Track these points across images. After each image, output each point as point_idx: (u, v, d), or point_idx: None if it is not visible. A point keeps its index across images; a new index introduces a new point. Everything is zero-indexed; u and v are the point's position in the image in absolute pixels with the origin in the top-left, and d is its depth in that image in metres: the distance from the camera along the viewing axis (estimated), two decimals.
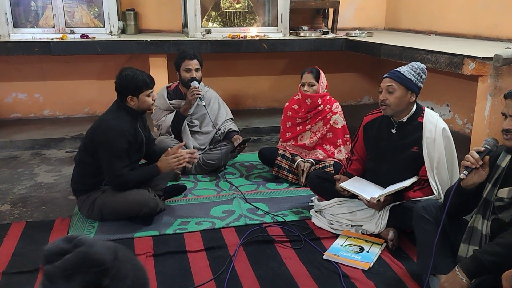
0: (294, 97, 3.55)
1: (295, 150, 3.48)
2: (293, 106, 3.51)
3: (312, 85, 3.35)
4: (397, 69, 2.53)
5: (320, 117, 3.43)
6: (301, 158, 3.39)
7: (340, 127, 3.41)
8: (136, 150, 2.80)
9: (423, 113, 2.56)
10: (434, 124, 2.51)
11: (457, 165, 2.55)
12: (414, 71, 2.50)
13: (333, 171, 3.19)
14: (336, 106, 3.45)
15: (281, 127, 3.60)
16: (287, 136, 3.54)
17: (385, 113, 2.56)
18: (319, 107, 3.41)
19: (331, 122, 3.40)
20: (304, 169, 3.30)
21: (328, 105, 3.42)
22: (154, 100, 2.81)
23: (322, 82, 3.38)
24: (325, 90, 3.43)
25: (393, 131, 2.60)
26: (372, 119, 2.74)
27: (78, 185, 2.80)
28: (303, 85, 3.38)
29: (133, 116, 2.75)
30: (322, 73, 3.40)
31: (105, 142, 2.62)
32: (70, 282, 0.82)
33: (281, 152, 3.42)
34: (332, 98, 3.48)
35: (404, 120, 2.56)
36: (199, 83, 3.51)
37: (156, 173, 2.78)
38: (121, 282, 0.88)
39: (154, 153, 2.93)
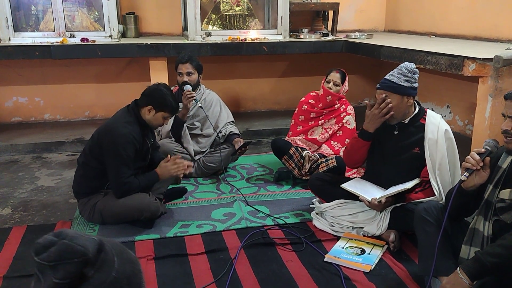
0: (311, 93, 3.62)
1: (305, 144, 3.50)
2: (309, 101, 3.57)
3: (337, 85, 3.43)
4: (386, 77, 2.52)
5: (334, 115, 3.50)
6: (308, 151, 3.43)
7: (351, 128, 3.48)
8: (141, 159, 2.80)
9: (426, 115, 2.56)
10: (437, 125, 2.51)
11: (459, 167, 2.54)
12: (404, 75, 2.47)
13: (335, 163, 3.20)
14: (351, 108, 3.54)
15: (293, 120, 3.64)
16: (298, 129, 3.58)
17: (390, 123, 2.56)
18: (335, 106, 3.48)
19: (343, 121, 3.48)
20: (310, 158, 3.32)
21: (343, 106, 3.51)
22: (158, 140, 2.93)
23: (346, 85, 3.47)
24: (344, 94, 3.51)
25: (395, 132, 2.59)
26: None
27: (80, 187, 2.80)
28: (328, 82, 3.45)
29: (142, 126, 2.75)
30: (347, 78, 3.49)
31: (113, 149, 2.61)
32: (56, 273, 0.88)
33: (295, 145, 3.46)
34: (348, 102, 3.57)
35: (406, 122, 2.56)
36: (193, 86, 3.50)
37: (155, 180, 2.78)
38: (105, 274, 0.92)
39: (153, 159, 2.93)
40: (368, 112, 2.56)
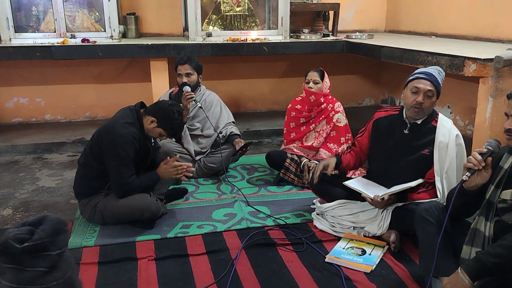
0: (297, 98, 3.59)
1: (301, 151, 3.48)
2: (296, 107, 3.54)
3: (317, 83, 3.39)
4: (431, 72, 2.49)
5: (323, 116, 3.45)
6: (307, 159, 3.40)
7: (342, 126, 3.44)
8: (141, 159, 2.81)
9: (437, 117, 2.56)
10: (448, 129, 2.51)
11: None
12: (442, 77, 2.51)
13: (337, 172, 3.19)
14: (338, 105, 3.49)
15: (285, 128, 3.60)
16: (291, 136, 3.55)
17: (416, 116, 2.52)
18: (322, 106, 3.44)
19: (334, 120, 3.43)
20: (311, 168, 3.29)
21: (330, 104, 3.47)
22: (158, 141, 3.03)
23: (326, 82, 3.43)
24: (328, 91, 3.47)
25: (406, 131, 2.59)
26: (384, 116, 2.72)
27: (80, 188, 2.79)
28: (308, 82, 3.42)
29: (141, 128, 2.75)
30: (326, 74, 3.45)
31: (113, 149, 2.61)
32: (53, 246, 0.94)
33: (289, 155, 3.43)
34: (334, 98, 3.53)
35: (419, 123, 2.55)
36: (192, 87, 3.51)
37: (156, 180, 2.79)
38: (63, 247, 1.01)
39: (154, 160, 2.93)
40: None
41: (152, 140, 2.90)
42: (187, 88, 3.46)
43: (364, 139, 2.79)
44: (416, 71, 2.55)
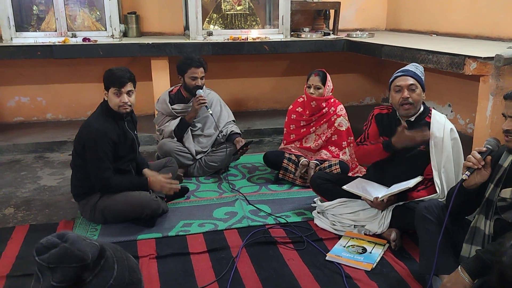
0: (298, 100, 3.55)
1: (300, 152, 3.48)
2: (297, 109, 3.51)
3: (318, 88, 3.34)
4: (408, 68, 2.55)
5: (324, 119, 3.42)
6: (306, 159, 3.39)
7: (344, 130, 3.41)
8: (129, 150, 2.82)
9: (431, 113, 2.57)
10: (442, 124, 2.52)
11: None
12: (421, 71, 2.55)
13: (339, 170, 3.20)
14: (341, 109, 3.44)
15: (285, 129, 3.59)
16: (291, 138, 3.54)
17: (408, 114, 2.53)
18: (324, 110, 3.41)
19: (335, 124, 3.40)
20: (311, 167, 3.29)
21: (332, 108, 3.42)
22: (125, 103, 2.64)
23: (328, 85, 3.37)
24: (331, 93, 3.43)
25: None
26: (382, 112, 2.74)
27: (77, 189, 2.81)
28: (309, 87, 3.37)
29: (115, 117, 2.73)
30: (328, 77, 3.39)
31: (91, 145, 2.64)
32: (54, 275, 0.89)
33: (287, 155, 3.42)
34: (337, 101, 3.48)
35: (412, 120, 2.57)
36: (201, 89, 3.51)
37: (144, 188, 2.77)
38: (103, 280, 0.93)
39: (138, 164, 2.94)
40: (407, 133, 2.47)
41: (135, 132, 2.89)
42: (200, 92, 3.45)
43: (372, 130, 2.75)
44: (394, 73, 2.58)
